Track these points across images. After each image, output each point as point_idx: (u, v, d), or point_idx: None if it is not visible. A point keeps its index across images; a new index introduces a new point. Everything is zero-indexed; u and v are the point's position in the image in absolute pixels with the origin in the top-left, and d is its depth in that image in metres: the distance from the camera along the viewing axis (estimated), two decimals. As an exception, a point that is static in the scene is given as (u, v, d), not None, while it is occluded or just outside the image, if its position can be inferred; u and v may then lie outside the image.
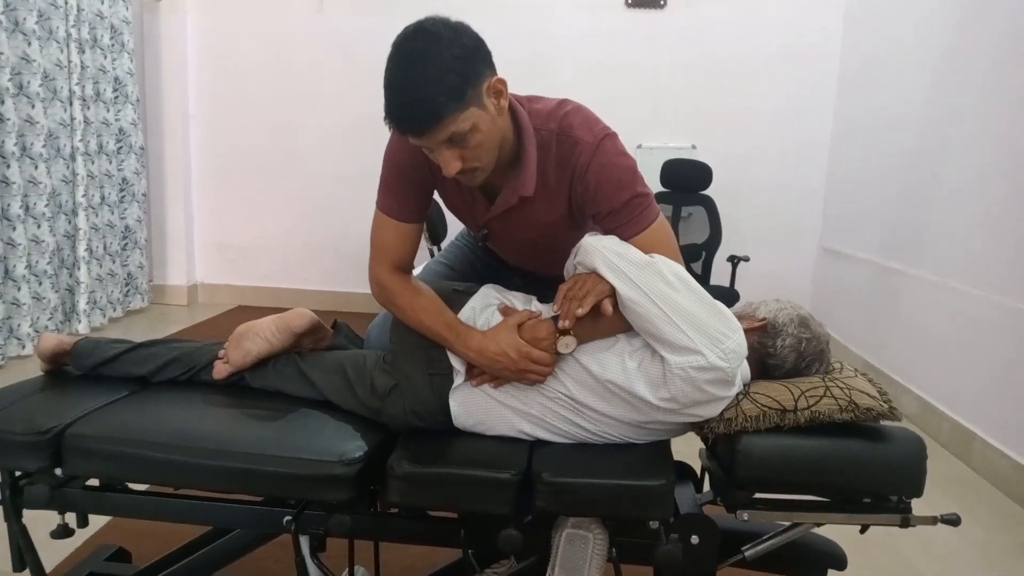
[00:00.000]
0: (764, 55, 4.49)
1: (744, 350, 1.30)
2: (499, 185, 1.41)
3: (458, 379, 1.39)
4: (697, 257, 4.12)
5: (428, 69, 1.20)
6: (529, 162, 1.33)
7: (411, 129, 1.26)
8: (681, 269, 1.32)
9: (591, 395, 1.33)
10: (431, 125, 1.22)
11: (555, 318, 1.34)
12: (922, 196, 3.30)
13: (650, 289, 1.26)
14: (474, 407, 1.39)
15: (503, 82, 1.28)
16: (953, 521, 1.31)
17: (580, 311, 1.27)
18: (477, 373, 1.37)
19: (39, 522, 1.44)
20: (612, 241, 1.34)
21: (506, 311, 1.41)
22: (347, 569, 1.50)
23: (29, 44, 3.60)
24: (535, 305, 1.44)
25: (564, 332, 1.30)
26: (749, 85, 4.53)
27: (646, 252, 1.32)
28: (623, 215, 1.35)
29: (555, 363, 1.33)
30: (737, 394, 1.33)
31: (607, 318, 1.29)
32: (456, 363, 1.39)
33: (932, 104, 3.26)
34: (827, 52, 4.43)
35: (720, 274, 4.11)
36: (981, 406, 2.73)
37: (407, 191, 1.44)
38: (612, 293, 1.29)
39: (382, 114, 1.30)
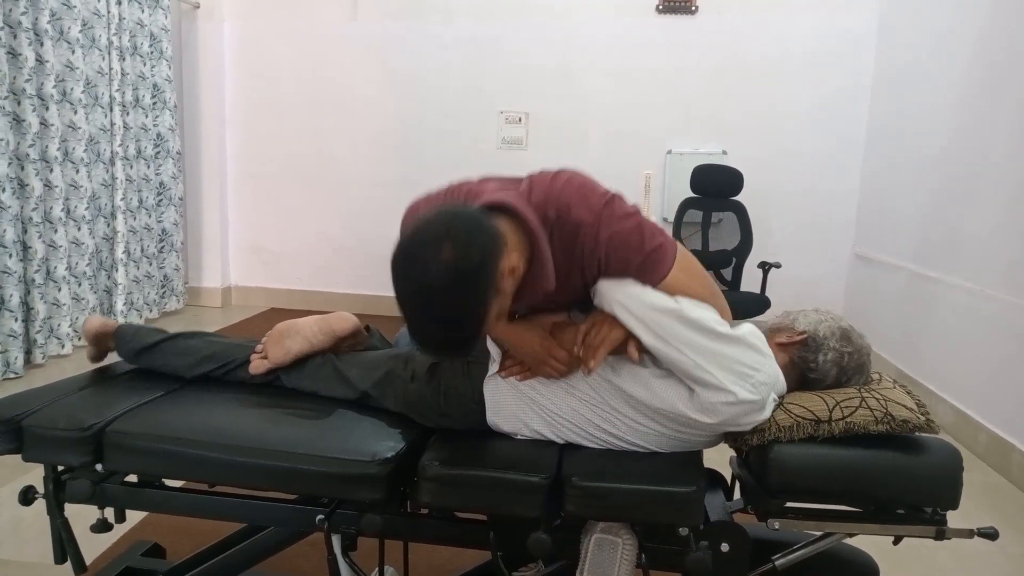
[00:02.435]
0: (795, 59, 4.45)
1: (774, 377, 1.30)
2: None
3: (492, 367, 1.42)
4: (727, 263, 4.09)
5: (440, 323, 1.17)
6: (547, 263, 1.28)
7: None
8: (703, 309, 1.28)
9: (622, 403, 1.34)
10: (466, 350, 1.28)
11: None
12: (958, 201, 3.24)
13: (669, 335, 1.25)
14: (504, 398, 1.41)
15: (516, 260, 1.22)
16: (991, 535, 1.29)
17: (593, 363, 1.28)
18: (508, 366, 1.41)
19: (78, 517, 1.48)
20: (630, 285, 1.30)
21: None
22: (377, 568, 1.51)
23: (73, 52, 3.70)
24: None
25: None
26: (780, 89, 4.50)
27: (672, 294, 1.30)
28: (638, 274, 1.30)
29: (572, 365, 1.35)
30: (770, 404, 1.32)
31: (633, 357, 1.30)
32: (493, 350, 1.42)
33: (967, 106, 3.21)
34: (859, 55, 4.38)
35: (751, 280, 4.07)
36: (1020, 416, 2.67)
37: None
38: (630, 337, 1.29)
39: (413, 121, 1.30)
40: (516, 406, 1.40)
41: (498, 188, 1.31)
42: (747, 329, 1.32)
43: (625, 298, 1.28)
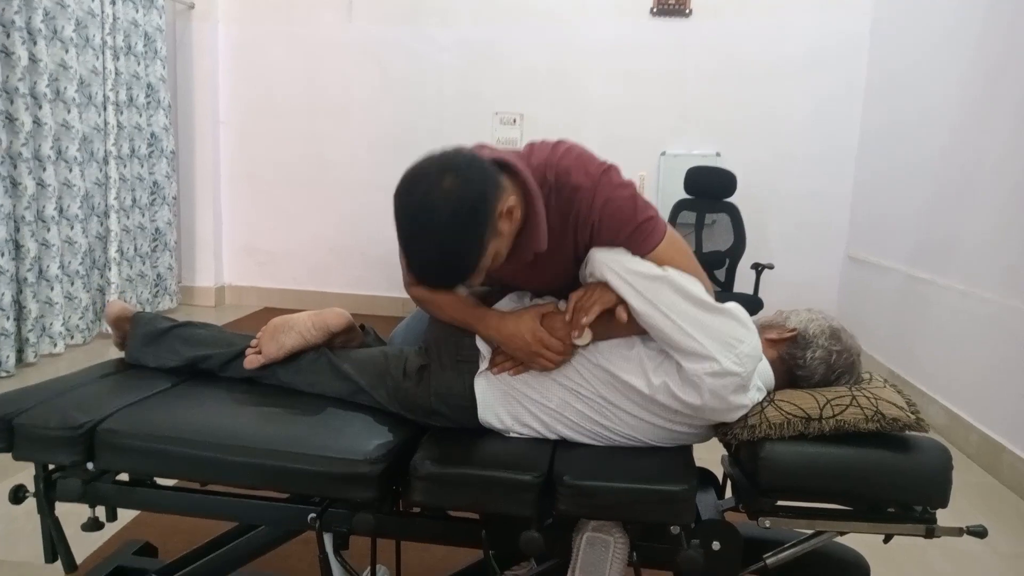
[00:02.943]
0: (789, 62, 4.47)
1: (759, 353, 1.31)
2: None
3: (483, 364, 1.42)
4: (721, 264, 4.10)
5: (439, 252, 1.21)
6: (540, 223, 1.32)
7: (445, 290, 1.37)
8: (690, 280, 1.31)
9: (611, 391, 1.34)
10: (460, 284, 1.30)
11: None
12: (951, 204, 3.25)
13: (658, 300, 1.28)
14: (494, 394, 1.41)
15: (514, 202, 1.26)
16: (980, 533, 1.30)
17: (585, 319, 1.32)
18: (499, 361, 1.41)
19: (69, 516, 1.47)
20: (620, 254, 1.34)
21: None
22: (369, 568, 1.51)
23: (67, 51, 3.69)
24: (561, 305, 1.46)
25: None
26: (774, 92, 4.51)
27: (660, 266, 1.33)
28: (629, 244, 1.35)
29: (567, 353, 1.36)
30: (761, 401, 1.33)
31: (621, 323, 1.32)
32: (483, 348, 1.43)
33: (961, 110, 3.22)
34: (853, 59, 4.40)
35: (744, 282, 4.08)
36: (1011, 418, 2.68)
37: None
38: (620, 302, 1.32)
39: (408, 123, 1.33)
40: (506, 402, 1.40)
41: (495, 152, 1.34)
42: (732, 304, 1.34)
43: (615, 264, 1.32)
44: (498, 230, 1.25)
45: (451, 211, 1.18)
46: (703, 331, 1.25)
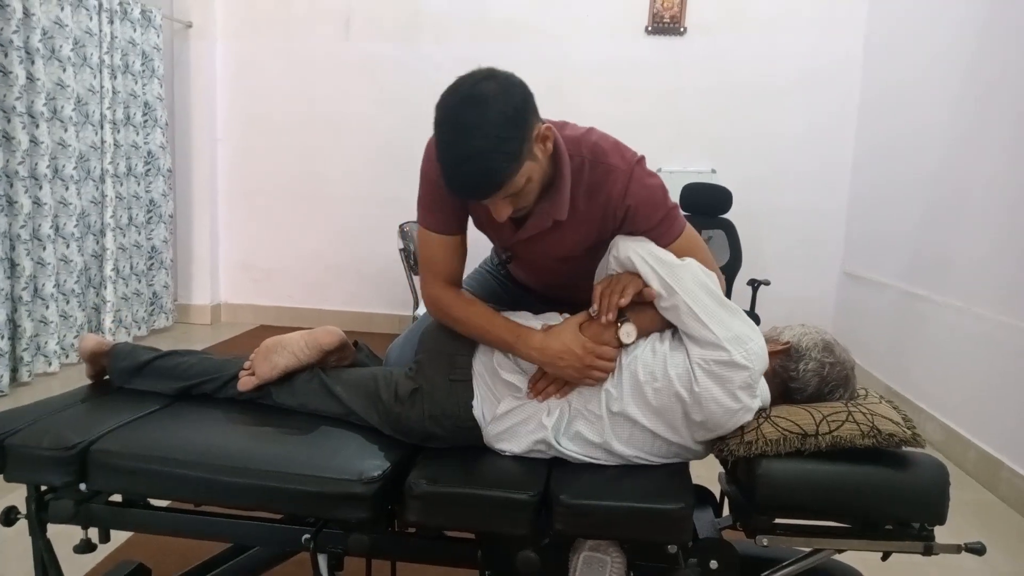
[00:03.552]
0: (783, 80, 4.50)
1: (765, 356, 1.33)
2: (529, 208, 1.43)
3: (518, 396, 1.40)
4: (717, 281, 4.10)
5: (483, 138, 1.20)
6: (564, 188, 1.36)
7: (473, 197, 1.31)
8: (708, 274, 1.37)
9: (619, 389, 1.35)
10: (492, 192, 1.26)
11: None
12: (946, 221, 3.27)
13: (679, 286, 1.32)
14: (509, 422, 1.39)
15: (550, 128, 1.31)
16: (978, 550, 1.29)
17: (623, 300, 1.33)
18: (542, 388, 1.39)
19: (62, 537, 1.46)
20: (645, 242, 1.40)
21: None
22: (364, 589, 1.50)
23: (64, 70, 3.71)
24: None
25: (622, 322, 1.36)
26: (769, 109, 4.54)
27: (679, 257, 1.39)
28: (657, 231, 1.41)
29: (618, 357, 1.36)
30: (757, 417, 1.32)
31: (655, 311, 1.35)
32: (516, 380, 1.41)
33: (954, 128, 3.25)
34: (847, 77, 4.43)
35: (740, 298, 4.08)
36: (1008, 434, 2.68)
37: (445, 204, 1.46)
38: (646, 285, 1.35)
39: (405, 140, 1.34)
40: (520, 425, 1.39)
41: None
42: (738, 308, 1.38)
43: (641, 249, 1.37)
44: (533, 151, 1.27)
45: (498, 107, 1.20)
46: (718, 323, 1.29)
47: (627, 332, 1.35)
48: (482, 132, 1.20)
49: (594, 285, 1.40)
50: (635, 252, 1.37)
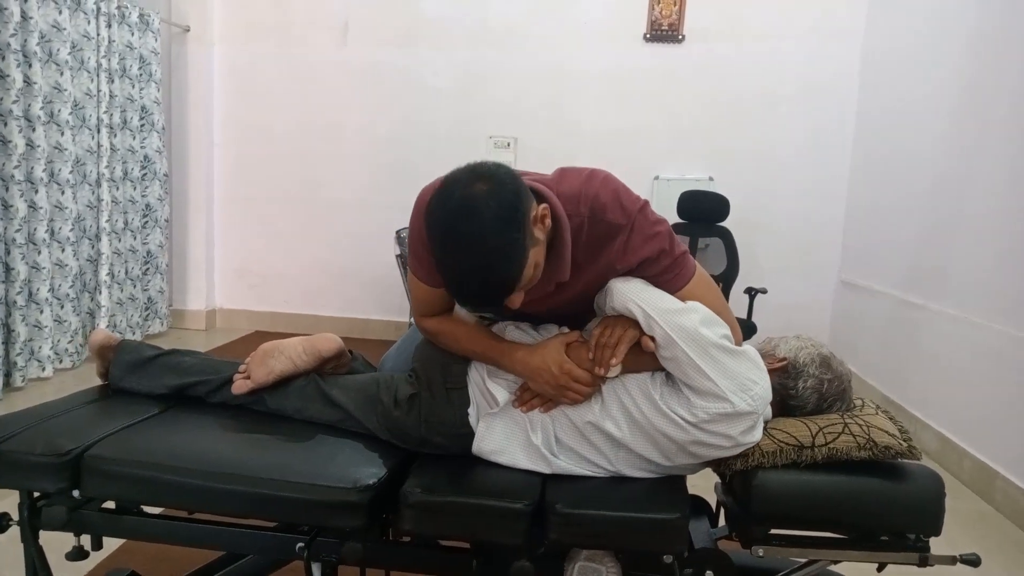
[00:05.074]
0: (781, 89, 4.52)
1: (769, 394, 1.30)
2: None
3: (494, 408, 1.39)
4: (714, 289, 4.10)
5: (485, 253, 1.15)
6: (565, 252, 1.31)
7: (486, 306, 1.31)
8: (713, 318, 1.31)
9: (609, 421, 1.33)
10: (505, 298, 1.22)
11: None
12: (942, 231, 3.28)
13: (678, 334, 1.26)
14: (497, 434, 1.39)
15: (545, 208, 1.25)
16: (973, 561, 1.29)
17: (614, 361, 1.30)
18: (527, 399, 1.38)
19: (53, 544, 1.45)
20: (642, 286, 1.34)
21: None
22: (358, 598, 1.49)
23: (61, 74, 3.70)
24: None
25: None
26: (766, 117, 4.55)
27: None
28: (664, 278, 1.36)
29: (595, 385, 1.34)
30: (753, 428, 1.32)
31: (649, 354, 1.30)
32: (499, 395, 1.40)
33: (951, 139, 3.26)
34: (845, 87, 4.45)
35: (737, 306, 4.08)
36: (1004, 443, 2.68)
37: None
38: (643, 334, 1.30)
39: (403, 146, 1.32)
40: (510, 441, 1.38)
41: (524, 174, 1.31)
42: (748, 348, 1.34)
43: (638, 297, 1.31)
44: (534, 236, 1.21)
45: (492, 212, 1.14)
46: (721, 371, 1.25)
47: (612, 370, 1.32)
48: (482, 244, 1.14)
49: (592, 331, 1.37)
50: (634, 303, 1.30)
